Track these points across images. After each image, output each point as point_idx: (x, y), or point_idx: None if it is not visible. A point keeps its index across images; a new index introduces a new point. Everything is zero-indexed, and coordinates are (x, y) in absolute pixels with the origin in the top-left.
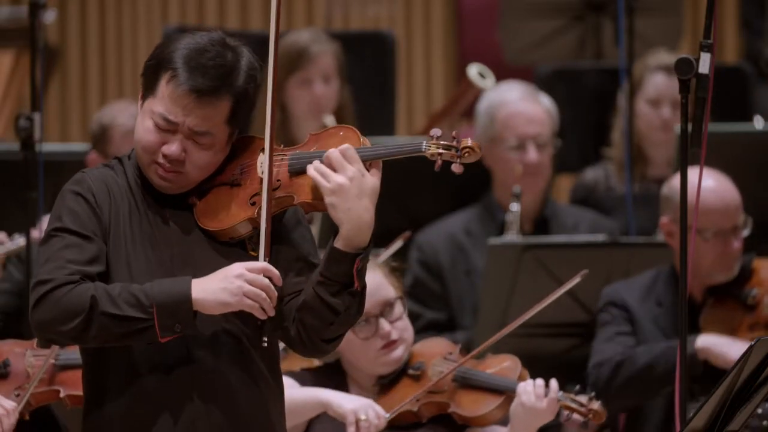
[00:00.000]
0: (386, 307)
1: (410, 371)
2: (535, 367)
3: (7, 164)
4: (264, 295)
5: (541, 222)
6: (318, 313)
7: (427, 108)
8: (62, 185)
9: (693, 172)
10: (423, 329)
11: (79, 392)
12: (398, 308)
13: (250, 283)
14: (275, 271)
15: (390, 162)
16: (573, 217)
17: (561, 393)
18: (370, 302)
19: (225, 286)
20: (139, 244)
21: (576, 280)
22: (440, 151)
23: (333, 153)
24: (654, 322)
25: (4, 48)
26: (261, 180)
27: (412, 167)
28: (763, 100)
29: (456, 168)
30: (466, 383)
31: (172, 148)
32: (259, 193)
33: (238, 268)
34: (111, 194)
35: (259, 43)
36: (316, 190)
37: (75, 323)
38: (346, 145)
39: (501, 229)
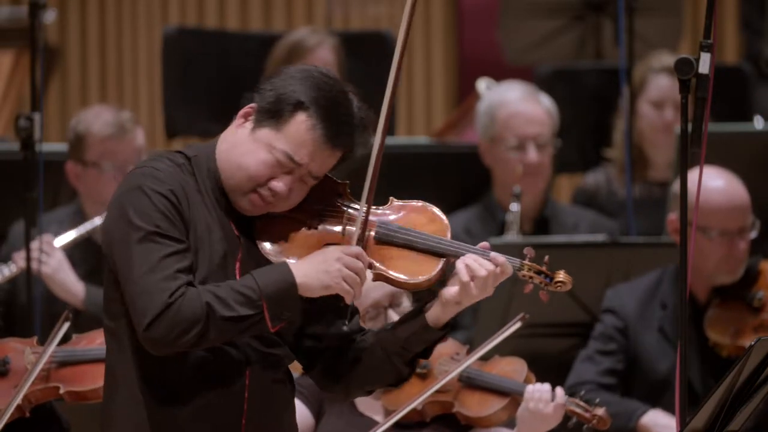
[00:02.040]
0: (395, 299)
1: (416, 369)
2: (535, 367)
3: (7, 164)
4: (359, 279)
5: (541, 222)
6: (381, 375)
7: (427, 108)
8: (62, 185)
9: (704, 173)
10: None
11: (79, 388)
12: (406, 301)
13: (347, 266)
14: (366, 258)
15: (390, 162)
16: (573, 217)
17: (567, 398)
18: (380, 293)
19: (326, 269)
20: (216, 248)
21: (517, 324)
22: (532, 274)
23: (487, 266)
24: (658, 326)
25: (4, 48)
26: (342, 233)
27: (412, 168)
28: (763, 100)
29: (543, 296)
30: (472, 384)
31: (281, 185)
32: (332, 244)
33: (336, 251)
34: (187, 197)
35: (259, 44)
36: (405, 268)
37: (193, 333)
38: (509, 267)
39: (501, 229)
